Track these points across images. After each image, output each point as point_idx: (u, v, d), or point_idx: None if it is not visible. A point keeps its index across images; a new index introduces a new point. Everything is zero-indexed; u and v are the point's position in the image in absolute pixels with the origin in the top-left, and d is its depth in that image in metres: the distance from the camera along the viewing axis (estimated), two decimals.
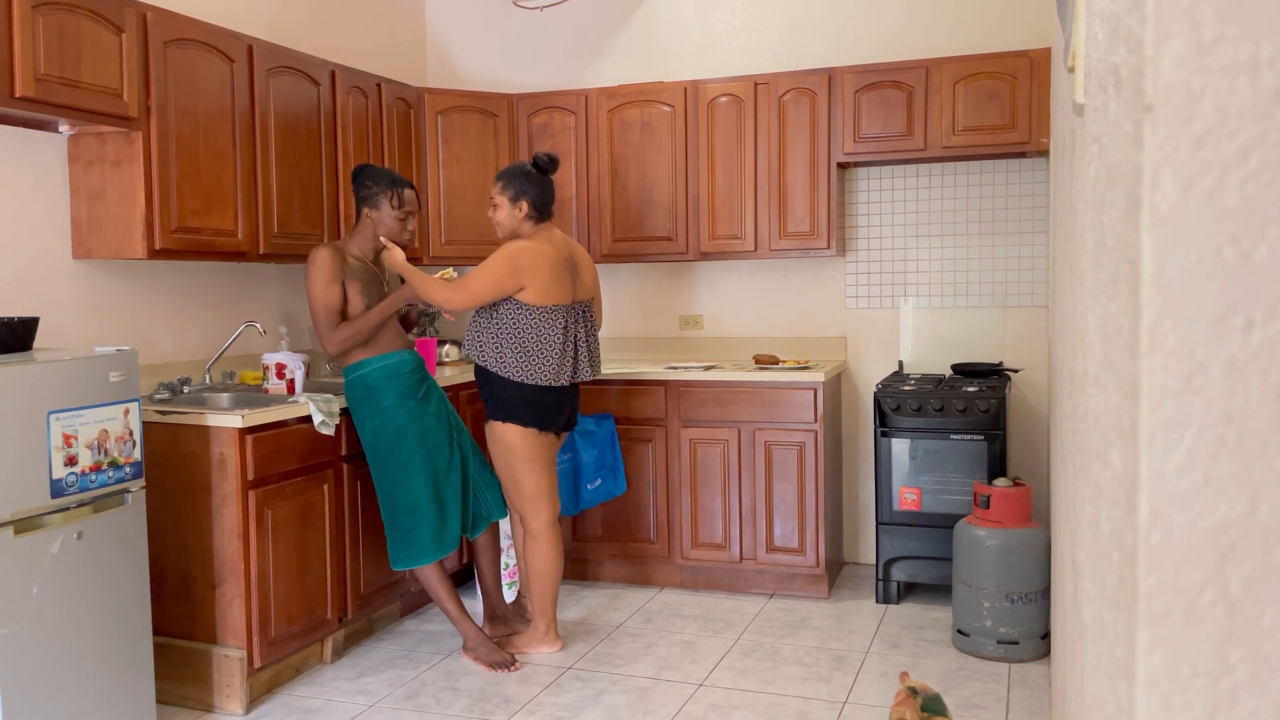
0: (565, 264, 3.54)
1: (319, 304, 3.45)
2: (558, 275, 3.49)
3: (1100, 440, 0.97)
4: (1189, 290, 0.65)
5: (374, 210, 3.53)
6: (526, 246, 3.46)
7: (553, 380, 3.51)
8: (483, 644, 3.61)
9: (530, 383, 3.49)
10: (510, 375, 3.49)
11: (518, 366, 3.48)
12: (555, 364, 3.50)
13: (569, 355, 3.55)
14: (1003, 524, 3.59)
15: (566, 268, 3.55)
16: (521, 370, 3.48)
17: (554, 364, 3.50)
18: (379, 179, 3.54)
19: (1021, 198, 4.45)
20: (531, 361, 3.49)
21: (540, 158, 3.56)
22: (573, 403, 3.70)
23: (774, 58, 4.72)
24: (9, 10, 2.80)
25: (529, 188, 3.54)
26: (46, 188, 3.29)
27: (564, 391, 3.61)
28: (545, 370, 3.50)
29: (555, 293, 3.48)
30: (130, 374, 2.88)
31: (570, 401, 3.68)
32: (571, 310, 3.56)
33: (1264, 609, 0.64)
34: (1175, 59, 0.64)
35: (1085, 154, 1.21)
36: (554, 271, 3.48)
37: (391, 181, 3.54)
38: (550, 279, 3.47)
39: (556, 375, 3.52)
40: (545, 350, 3.49)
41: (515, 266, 3.42)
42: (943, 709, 2.60)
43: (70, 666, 2.71)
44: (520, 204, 3.55)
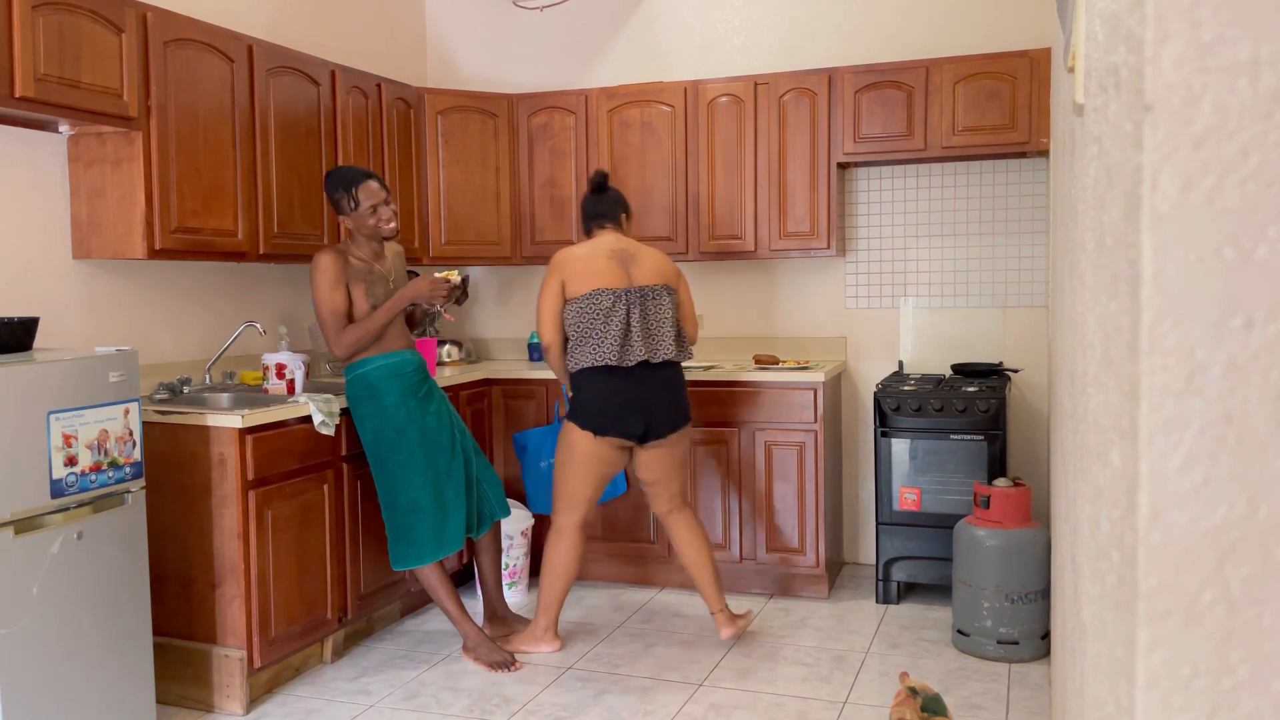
0: (610, 256, 3.64)
1: (325, 308, 3.44)
2: (596, 265, 3.60)
3: (1100, 440, 0.97)
4: (1189, 290, 0.65)
5: (345, 218, 3.52)
6: (559, 253, 3.67)
7: (598, 359, 3.53)
8: (483, 644, 3.61)
9: (585, 366, 3.57)
10: (571, 366, 3.62)
11: (575, 354, 3.60)
12: (597, 343, 3.55)
13: (613, 333, 3.54)
14: (1003, 524, 3.59)
15: (613, 259, 3.63)
16: (577, 357, 3.59)
17: (596, 343, 3.55)
18: (336, 185, 3.49)
19: (1021, 198, 4.45)
20: (582, 346, 3.57)
21: (593, 177, 3.74)
22: (647, 405, 3.59)
23: (774, 58, 4.72)
24: (9, 10, 2.80)
25: (584, 205, 3.76)
26: (46, 188, 3.29)
27: (622, 381, 3.56)
28: (593, 351, 3.55)
29: (596, 279, 3.58)
30: (130, 374, 2.88)
31: (640, 402, 3.58)
32: (622, 293, 3.58)
33: (1264, 609, 0.64)
34: (1175, 59, 0.64)
35: (1085, 154, 1.21)
36: (590, 263, 3.60)
37: (346, 183, 3.48)
38: (586, 269, 3.59)
39: (600, 354, 3.54)
40: (589, 331, 3.56)
41: (551, 268, 3.65)
42: (943, 709, 2.60)
43: (70, 666, 2.71)
44: (581, 220, 3.80)
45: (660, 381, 3.62)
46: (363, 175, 3.52)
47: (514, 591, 4.33)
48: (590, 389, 3.58)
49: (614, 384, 3.56)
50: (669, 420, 3.64)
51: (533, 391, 4.56)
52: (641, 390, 3.59)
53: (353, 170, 3.54)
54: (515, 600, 4.29)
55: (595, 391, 3.57)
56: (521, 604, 4.27)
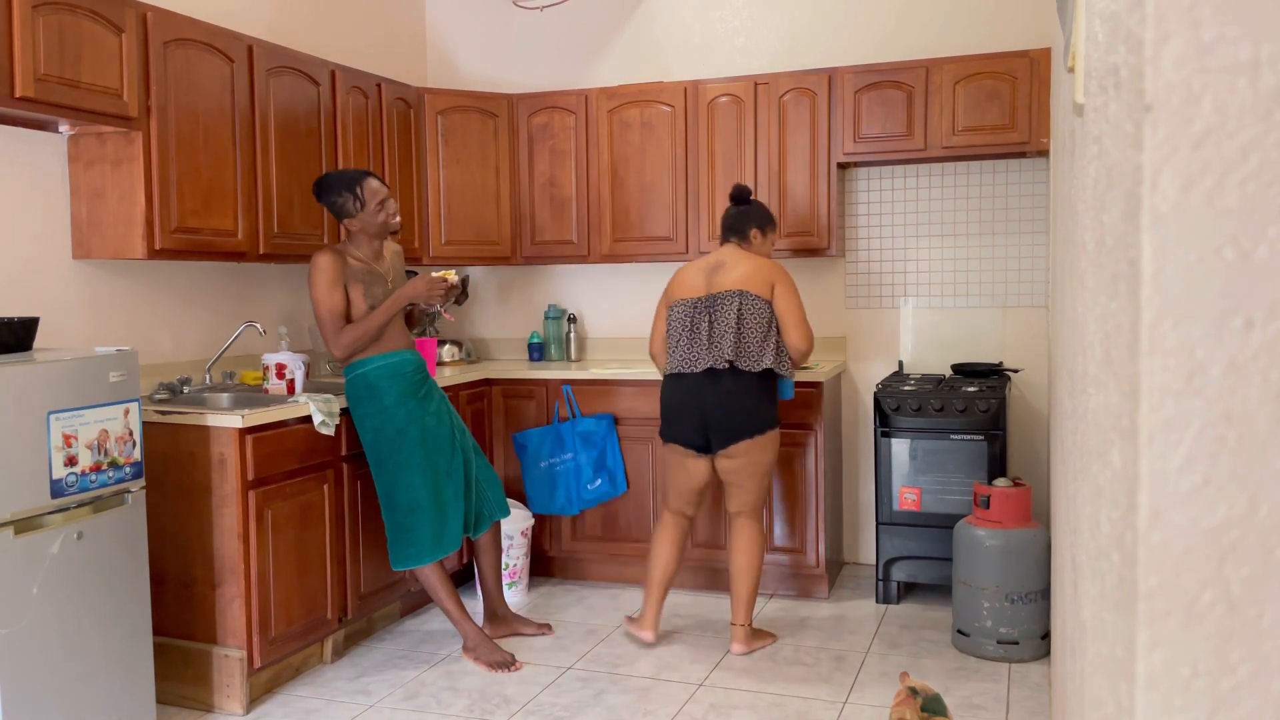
0: (704, 268, 3.69)
1: (323, 309, 3.44)
2: (689, 277, 3.69)
3: (1100, 440, 0.97)
4: (1189, 290, 0.65)
5: (350, 219, 3.50)
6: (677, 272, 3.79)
7: (673, 366, 3.64)
8: (483, 644, 3.61)
9: (665, 372, 3.71)
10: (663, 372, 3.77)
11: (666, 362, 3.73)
12: (670, 351, 3.66)
13: (682, 341, 3.63)
14: (1003, 524, 3.59)
15: (703, 270, 3.68)
16: (666, 364, 3.72)
17: (672, 350, 3.66)
18: (336, 188, 3.48)
19: (1021, 198, 4.45)
20: (667, 352, 3.70)
21: (732, 189, 3.77)
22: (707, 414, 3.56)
23: (774, 58, 4.72)
24: (9, 10, 2.80)
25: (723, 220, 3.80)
26: (46, 188, 3.29)
27: (683, 387, 3.61)
28: (669, 357, 3.67)
29: (684, 290, 3.68)
30: (130, 374, 2.88)
31: (701, 411, 3.57)
32: (699, 302, 3.63)
33: (1264, 609, 0.64)
34: (1175, 59, 0.64)
35: (1085, 154, 1.22)
36: (686, 276, 3.70)
37: (348, 184, 3.48)
38: (680, 283, 3.71)
39: (671, 362, 3.65)
40: (670, 339, 3.68)
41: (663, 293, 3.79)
42: (943, 709, 2.60)
43: (70, 666, 2.71)
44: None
45: (721, 391, 3.55)
46: (362, 174, 3.52)
47: (514, 591, 4.33)
48: (661, 395, 3.73)
49: (675, 392, 3.66)
50: (727, 431, 3.56)
51: (533, 391, 4.56)
52: (698, 398, 3.58)
53: (348, 171, 3.53)
54: (515, 600, 4.29)
55: (663, 398, 3.70)
56: (521, 604, 4.27)
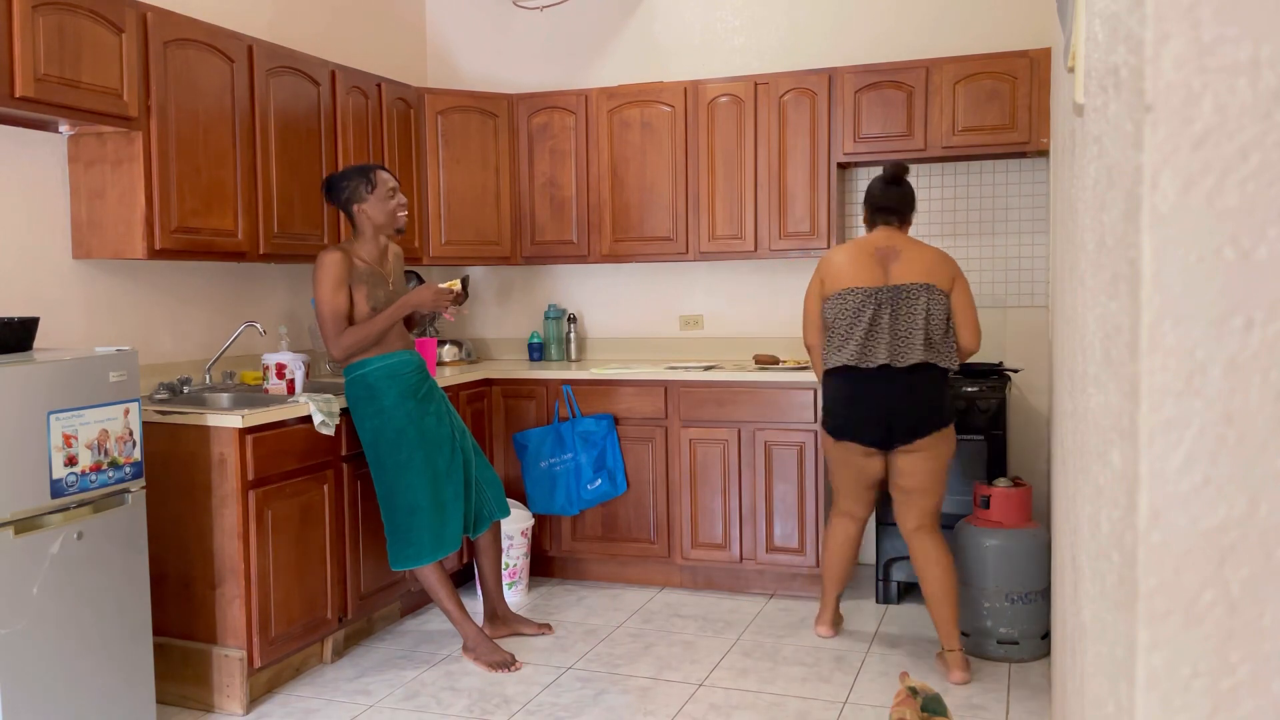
0: (871, 254, 3.48)
1: (326, 309, 3.44)
2: (854, 263, 3.48)
3: (1100, 440, 0.97)
4: (1189, 290, 0.65)
5: (360, 203, 3.51)
6: (828, 253, 3.61)
7: (841, 360, 3.46)
8: (483, 644, 3.61)
9: (830, 366, 3.52)
10: (825, 366, 3.57)
11: (826, 355, 3.55)
12: (841, 343, 3.47)
13: (856, 334, 3.43)
14: (1003, 524, 3.59)
15: (872, 257, 3.48)
16: (827, 357, 3.54)
17: (841, 343, 3.47)
18: (347, 176, 3.51)
19: (1021, 198, 4.45)
20: (830, 345, 3.52)
21: (886, 167, 3.60)
22: (890, 410, 3.40)
23: (774, 58, 4.72)
24: (9, 10, 2.80)
25: (870, 194, 3.60)
26: (46, 188, 3.29)
27: (860, 383, 3.44)
28: (837, 351, 3.48)
29: (851, 277, 3.47)
30: (130, 374, 2.87)
31: (882, 406, 3.40)
32: (875, 292, 3.42)
33: (1264, 609, 0.64)
34: (1175, 59, 0.64)
35: (1085, 154, 1.22)
36: (849, 262, 3.50)
37: (360, 171, 3.52)
38: (844, 267, 3.50)
39: (843, 354, 3.46)
40: (835, 330, 3.49)
41: (816, 273, 3.60)
42: (943, 709, 2.60)
43: (70, 666, 2.71)
44: (864, 209, 3.64)
45: (905, 385, 3.39)
46: (374, 165, 3.57)
47: (514, 591, 4.33)
48: (830, 390, 3.55)
49: (851, 387, 3.46)
50: (912, 425, 3.39)
51: (533, 391, 4.56)
52: (881, 394, 3.41)
53: (362, 165, 3.59)
54: (515, 600, 4.29)
55: (833, 393, 3.53)
56: (521, 604, 4.27)
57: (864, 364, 3.42)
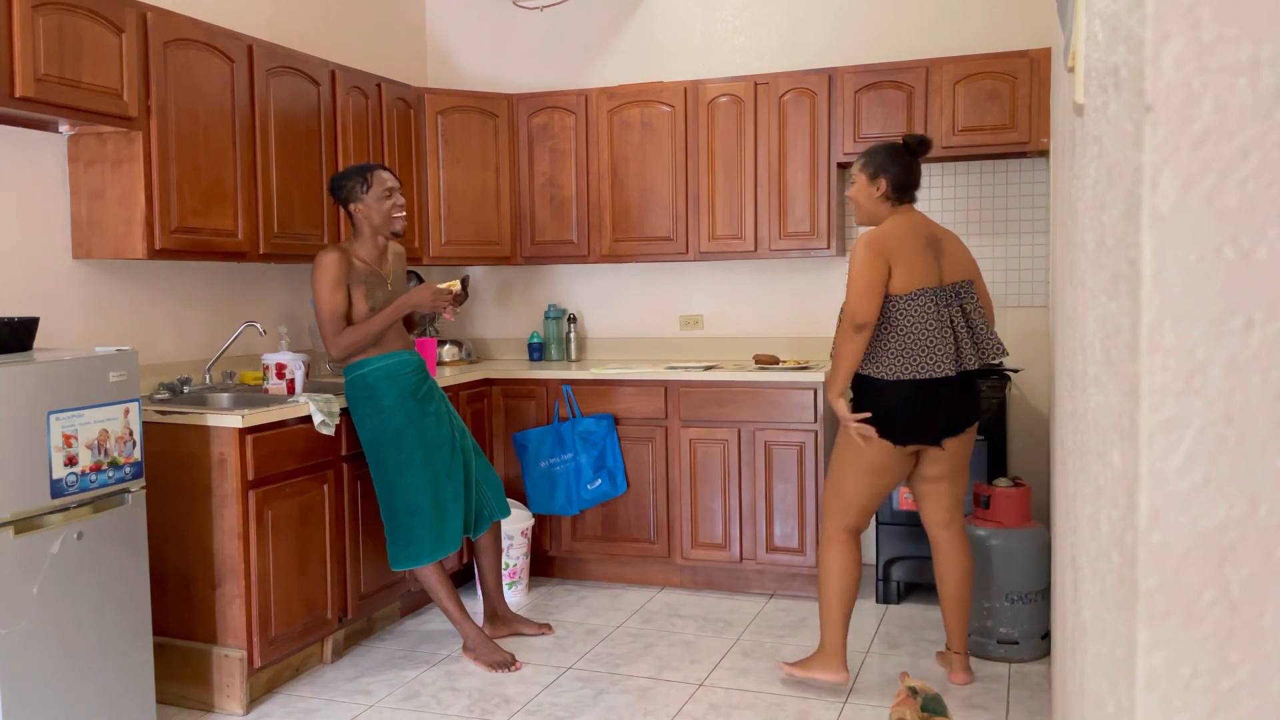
0: (925, 243, 3.17)
1: (324, 309, 3.44)
2: (918, 254, 3.14)
3: (1100, 440, 0.97)
4: (1189, 290, 0.65)
5: (357, 204, 3.51)
6: (878, 230, 3.16)
7: (930, 372, 3.11)
8: (483, 644, 3.61)
9: (898, 378, 3.13)
10: (876, 373, 3.15)
11: (894, 363, 3.13)
12: (928, 353, 3.11)
13: (947, 343, 3.13)
14: (1003, 524, 3.59)
15: (927, 246, 3.17)
16: (898, 367, 3.13)
17: (926, 354, 3.11)
18: (347, 175, 3.52)
19: (1021, 198, 4.45)
20: (900, 354, 3.12)
21: (911, 139, 3.25)
22: (954, 408, 3.20)
23: (774, 58, 4.72)
24: (9, 10, 2.80)
25: (891, 166, 3.20)
26: (46, 188, 3.29)
27: (937, 390, 3.15)
28: (916, 362, 3.12)
29: (918, 276, 3.12)
30: (130, 374, 2.87)
31: (948, 406, 3.18)
32: (942, 294, 3.15)
33: (1264, 609, 0.64)
34: (1175, 59, 0.64)
35: (1085, 154, 1.22)
36: (914, 250, 3.14)
37: (359, 170, 3.52)
38: (909, 260, 3.12)
39: (931, 365, 3.12)
40: (917, 340, 3.11)
41: (878, 250, 3.10)
42: (943, 709, 2.60)
43: (70, 666, 2.71)
44: (879, 181, 3.21)
45: (967, 381, 3.24)
46: (375, 165, 3.57)
47: (514, 591, 4.33)
48: (894, 399, 3.15)
49: (928, 397, 3.15)
50: (966, 415, 3.25)
51: (533, 391, 4.56)
52: (947, 394, 3.19)
53: (363, 164, 3.59)
54: (515, 600, 4.29)
55: (899, 403, 3.15)
56: (521, 604, 4.27)
57: (941, 374, 3.13)
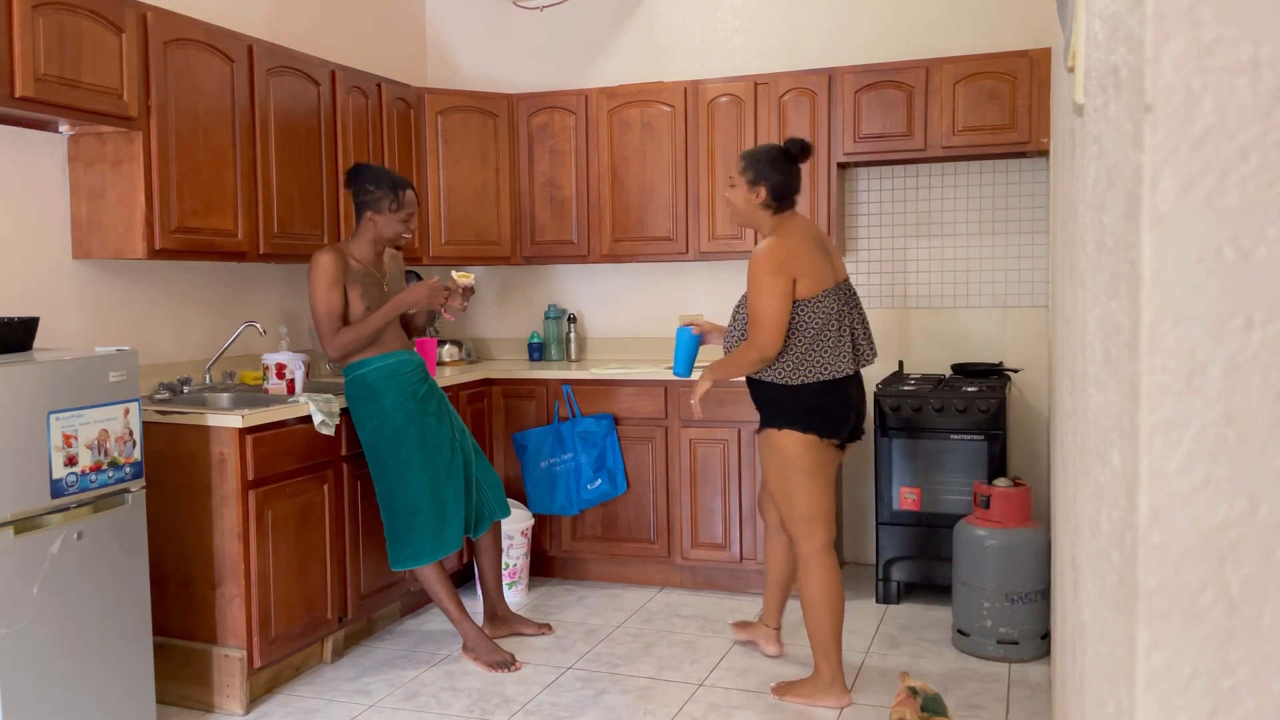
0: (817, 246, 3.24)
1: (321, 309, 3.44)
2: (815, 259, 3.20)
3: (1100, 440, 0.97)
4: (1189, 290, 0.64)
5: (376, 214, 3.51)
6: (778, 246, 3.18)
7: (834, 372, 3.17)
8: (483, 644, 3.61)
9: (810, 381, 3.17)
10: (788, 379, 3.19)
11: (795, 367, 3.18)
12: (832, 354, 3.18)
13: (846, 341, 3.21)
14: (1003, 524, 3.59)
15: (819, 249, 3.24)
16: (800, 370, 3.17)
17: (831, 354, 3.18)
18: (379, 181, 3.51)
19: (1021, 198, 4.45)
20: (809, 357, 3.17)
21: (793, 143, 3.27)
22: (856, 403, 3.30)
23: (774, 58, 4.72)
24: (9, 10, 2.80)
25: (772, 173, 3.23)
26: (46, 188, 3.29)
27: (845, 387, 3.23)
28: (824, 363, 3.17)
29: (820, 279, 3.18)
30: (130, 374, 2.87)
31: (854, 400, 3.28)
32: (839, 292, 3.23)
33: (1264, 609, 0.64)
34: (1175, 59, 0.64)
35: (1085, 154, 1.21)
36: (811, 255, 3.19)
37: (392, 184, 3.51)
38: (810, 266, 3.17)
39: (836, 365, 3.18)
40: (822, 342, 3.17)
41: (781, 268, 3.13)
42: (943, 709, 2.60)
43: (70, 666, 2.71)
44: (759, 189, 3.24)
45: (861, 382, 3.35)
46: (406, 182, 3.56)
47: (514, 591, 4.33)
48: (819, 397, 3.20)
49: (845, 392, 3.24)
50: (862, 416, 3.36)
51: (533, 391, 4.56)
52: (851, 392, 3.28)
53: (395, 174, 3.57)
54: (515, 600, 4.29)
55: (821, 402, 3.20)
56: (521, 604, 4.27)
57: (845, 372, 3.22)
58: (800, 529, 3.25)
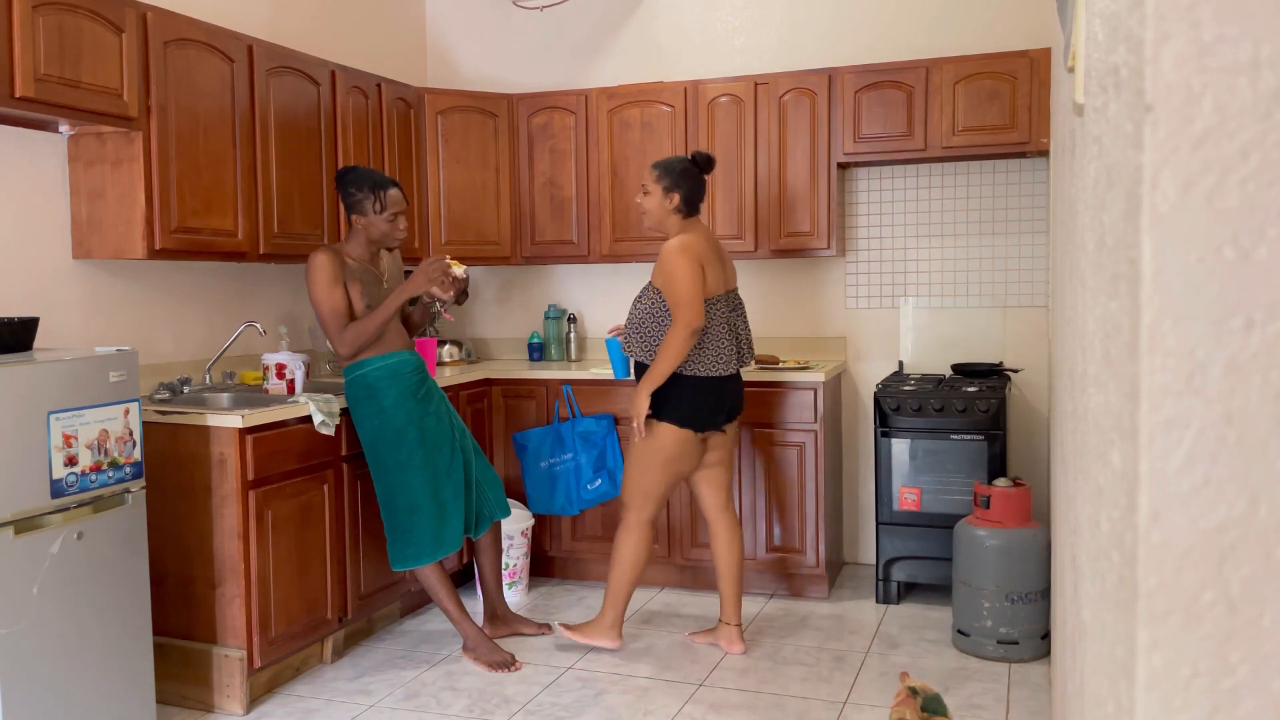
0: (715, 253, 3.56)
1: (325, 308, 3.44)
2: (713, 263, 3.52)
3: (1100, 440, 0.97)
4: (1189, 290, 0.65)
5: (361, 216, 3.52)
6: (687, 240, 3.49)
7: (723, 369, 3.50)
8: (483, 644, 3.61)
9: (704, 374, 3.48)
10: (687, 371, 3.49)
11: (694, 361, 3.48)
12: (724, 353, 3.51)
13: (732, 343, 3.55)
14: (1003, 524, 3.59)
15: (717, 256, 3.56)
16: (696, 364, 3.48)
17: (723, 353, 3.50)
18: (361, 183, 3.50)
19: (1021, 198, 4.45)
20: (705, 354, 3.48)
21: (700, 156, 3.59)
22: (735, 397, 3.64)
23: (774, 58, 4.72)
24: (9, 10, 2.80)
25: (684, 183, 3.56)
26: (46, 188, 3.29)
27: (726, 385, 3.56)
28: (719, 360, 3.50)
29: (716, 283, 3.52)
30: (130, 374, 2.88)
31: (731, 397, 3.61)
32: (728, 300, 3.57)
33: (1264, 609, 0.64)
34: (1175, 59, 0.64)
35: (1085, 154, 1.22)
36: (710, 260, 3.51)
37: (374, 185, 3.50)
38: (712, 268, 3.50)
39: (725, 363, 3.51)
40: (717, 340, 3.50)
41: (694, 257, 3.45)
42: (943, 709, 2.60)
43: (70, 666, 2.71)
44: (672, 196, 3.57)
45: (740, 380, 3.67)
46: (389, 181, 3.54)
47: (514, 591, 4.33)
48: (692, 392, 3.50)
49: (720, 390, 3.55)
50: (738, 407, 3.68)
51: (533, 391, 4.56)
52: (730, 389, 3.61)
53: (378, 174, 3.55)
54: (515, 600, 4.29)
55: (697, 396, 3.50)
56: (521, 604, 4.27)
57: (729, 371, 3.54)
58: (636, 499, 3.61)
